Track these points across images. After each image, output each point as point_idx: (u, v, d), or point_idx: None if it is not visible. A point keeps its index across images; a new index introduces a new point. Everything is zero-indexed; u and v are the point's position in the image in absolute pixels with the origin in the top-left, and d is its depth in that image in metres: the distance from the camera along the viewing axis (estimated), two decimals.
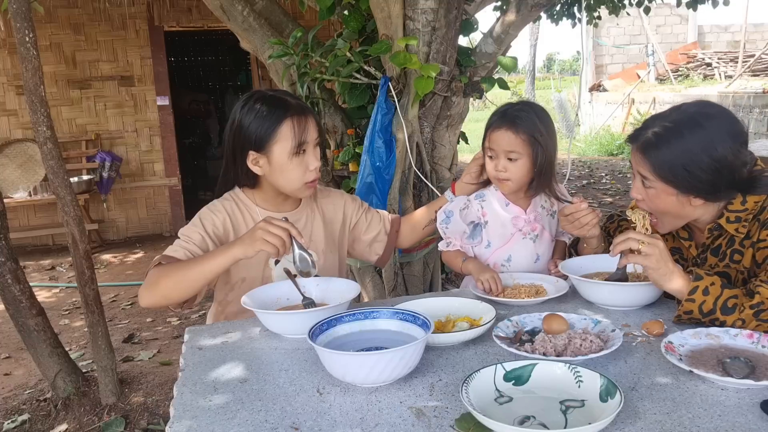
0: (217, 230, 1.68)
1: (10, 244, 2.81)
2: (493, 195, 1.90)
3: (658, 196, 1.48)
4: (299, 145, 1.64)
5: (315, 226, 1.83)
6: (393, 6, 2.76)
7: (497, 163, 1.80)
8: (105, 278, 5.31)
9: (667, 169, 1.43)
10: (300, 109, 1.66)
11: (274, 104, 1.64)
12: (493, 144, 1.80)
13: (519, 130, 1.75)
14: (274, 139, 1.63)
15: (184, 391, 1.20)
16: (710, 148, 1.40)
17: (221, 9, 3.39)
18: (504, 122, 1.78)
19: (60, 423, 2.82)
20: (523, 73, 21.69)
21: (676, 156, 1.42)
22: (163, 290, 1.53)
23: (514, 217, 1.88)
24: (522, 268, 1.87)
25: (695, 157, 1.40)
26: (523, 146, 1.75)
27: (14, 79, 6.19)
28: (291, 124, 1.63)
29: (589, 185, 8.55)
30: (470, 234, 1.89)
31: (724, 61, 13.54)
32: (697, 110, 1.45)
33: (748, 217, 1.46)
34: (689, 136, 1.41)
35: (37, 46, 2.57)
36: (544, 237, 1.91)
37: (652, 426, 1.01)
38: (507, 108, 1.82)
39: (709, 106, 1.48)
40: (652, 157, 1.45)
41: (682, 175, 1.42)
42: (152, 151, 6.76)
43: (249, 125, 1.63)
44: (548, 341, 1.26)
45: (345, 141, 3.37)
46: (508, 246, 1.89)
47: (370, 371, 1.13)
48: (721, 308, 1.33)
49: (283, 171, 1.66)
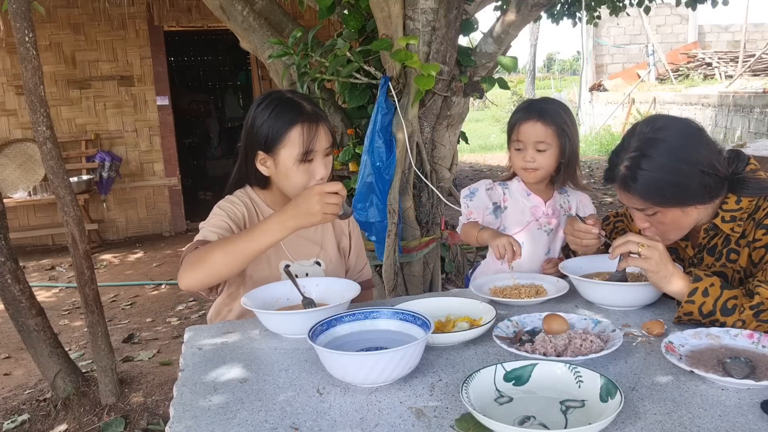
0: (238, 219, 1.66)
1: (10, 244, 2.80)
2: (516, 185, 1.96)
3: (665, 217, 1.47)
4: (306, 153, 1.59)
5: (326, 235, 1.81)
6: (393, 6, 2.76)
7: (525, 154, 1.86)
8: (105, 278, 5.31)
9: (656, 192, 1.43)
10: (313, 116, 1.61)
11: (287, 107, 1.61)
12: (522, 136, 1.85)
13: (548, 122, 1.82)
14: (282, 143, 1.60)
15: (184, 391, 1.20)
16: (683, 154, 1.41)
17: (221, 9, 3.39)
18: (532, 114, 1.84)
19: (60, 423, 2.82)
20: (523, 73, 21.70)
21: (657, 177, 1.41)
22: (211, 266, 1.45)
23: (533, 207, 1.93)
24: (533, 258, 1.91)
25: (674, 169, 1.40)
26: (552, 137, 1.83)
27: (14, 79, 6.19)
28: (300, 130, 1.58)
29: (589, 185, 8.55)
30: (492, 211, 1.94)
31: (725, 61, 13.54)
32: (650, 128, 1.46)
33: (743, 216, 1.47)
34: (657, 154, 1.41)
35: (37, 46, 2.57)
36: (558, 234, 1.96)
37: (652, 426, 1.01)
38: (531, 102, 1.91)
39: (658, 119, 1.49)
40: (637, 189, 1.44)
41: (673, 192, 1.42)
42: (152, 151, 6.76)
43: (261, 125, 1.61)
44: (548, 341, 1.26)
45: (345, 141, 3.37)
46: (523, 233, 1.92)
47: (370, 371, 1.13)
48: (721, 309, 1.33)
49: (288, 176, 1.63)
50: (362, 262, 1.92)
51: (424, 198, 3.18)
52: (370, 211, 2.95)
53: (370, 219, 2.97)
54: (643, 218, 1.51)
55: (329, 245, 1.81)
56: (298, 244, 1.72)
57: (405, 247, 3.12)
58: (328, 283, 1.63)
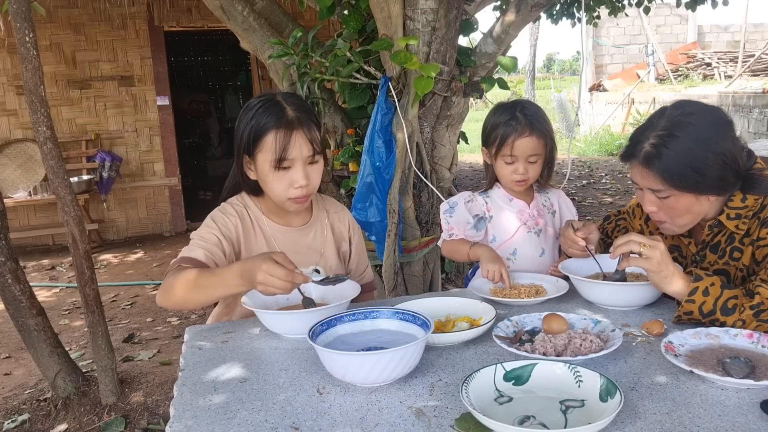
0: (230, 233, 1.64)
1: (10, 244, 2.80)
2: (497, 192, 1.95)
3: (678, 202, 1.46)
4: (279, 160, 1.54)
5: (327, 242, 1.78)
6: (393, 6, 2.77)
7: (518, 167, 1.83)
8: (105, 278, 5.31)
9: (677, 175, 1.41)
10: (292, 122, 1.55)
11: (268, 112, 1.57)
12: (517, 151, 1.82)
13: (540, 133, 1.81)
14: (259, 148, 1.57)
15: (184, 390, 1.20)
16: (710, 143, 1.40)
17: (221, 9, 3.39)
18: (524, 128, 1.80)
19: (60, 423, 2.82)
20: (523, 73, 21.69)
21: (681, 160, 1.40)
22: (178, 297, 1.47)
23: (518, 211, 1.92)
24: (528, 261, 1.91)
25: (700, 155, 1.39)
26: (542, 148, 1.83)
27: (14, 79, 6.19)
28: (275, 136, 1.54)
29: (589, 185, 8.55)
30: (474, 225, 1.92)
31: (724, 61, 13.54)
32: (681, 111, 1.45)
33: (748, 214, 1.46)
34: (686, 137, 1.40)
35: (37, 46, 2.57)
36: (548, 232, 1.95)
37: (652, 426, 1.01)
38: (514, 112, 1.83)
39: (688, 104, 1.47)
40: (659, 168, 1.42)
41: (693, 177, 1.41)
42: (152, 151, 6.76)
43: (243, 128, 1.60)
44: (548, 341, 1.26)
45: (345, 141, 3.37)
46: (513, 240, 1.92)
47: (370, 371, 1.13)
48: (721, 309, 1.33)
49: (266, 182, 1.61)
50: (363, 266, 1.90)
51: (424, 198, 3.18)
52: (370, 211, 2.96)
53: (370, 219, 2.97)
54: (654, 201, 1.49)
55: (329, 252, 1.78)
56: (296, 252, 1.67)
57: (405, 247, 3.12)
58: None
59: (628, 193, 7.91)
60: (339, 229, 1.82)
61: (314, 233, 1.76)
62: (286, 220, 1.72)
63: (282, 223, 1.71)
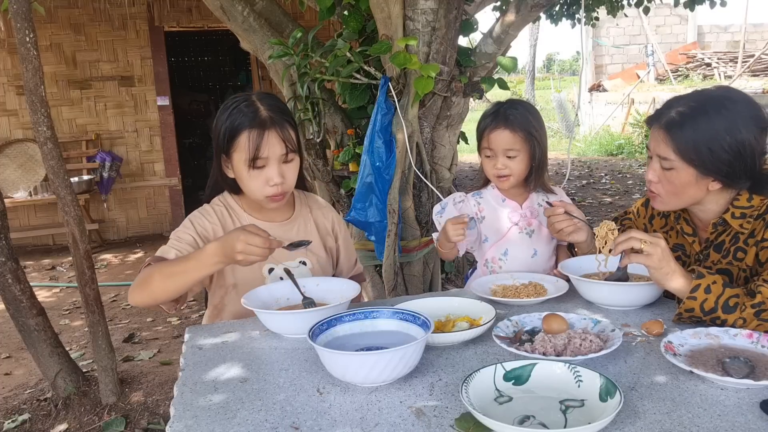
0: (207, 233, 1.67)
1: (11, 244, 2.81)
2: (490, 192, 1.95)
3: (678, 177, 1.46)
4: (253, 159, 1.57)
5: (312, 236, 1.79)
6: (393, 6, 2.77)
7: (496, 161, 1.85)
8: (105, 278, 5.31)
9: (692, 148, 1.42)
10: (265, 122, 1.58)
11: (242, 111, 1.59)
12: (492, 144, 1.85)
13: (515, 128, 1.81)
14: (233, 147, 1.60)
15: (184, 390, 1.20)
16: (734, 130, 1.40)
17: (221, 9, 3.39)
18: (499, 122, 1.83)
19: (60, 423, 2.82)
20: (523, 74, 21.70)
21: (700, 135, 1.41)
22: (150, 290, 1.50)
23: (510, 212, 1.92)
24: (519, 262, 1.90)
25: (719, 137, 1.40)
26: (521, 143, 1.82)
27: (14, 79, 6.19)
28: (248, 135, 1.57)
29: (588, 185, 8.55)
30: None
31: (724, 61, 13.54)
32: (722, 93, 1.45)
33: (753, 214, 1.46)
34: (715, 116, 1.41)
35: (38, 47, 2.58)
36: (542, 233, 1.93)
37: (651, 426, 1.01)
38: (498, 108, 1.87)
39: (733, 91, 1.48)
40: (677, 135, 1.43)
41: (705, 155, 1.41)
42: (152, 151, 6.77)
43: (219, 128, 1.62)
44: (548, 341, 1.26)
45: (345, 141, 3.37)
46: (504, 240, 1.92)
47: (370, 371, 1.13)
48: (723, 307, 1.34)
49: (242, 180, 1.64)
50: (353, 259, 1.93)
51: (424, 198, 3.18)
52: (369, 211, 2.96)
53: (369, 219, 2.97)
54: (657, 170, 1.50)
55: (316, 245, 1.79)
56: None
57: (405, 247, 3.12)
58: (328, 283, 1.63)
59: (628, 193, 7.91)
60: (323, 224, 1.84)
61: (297, 228, 1.78)
62: (268, 216, 1.75)
63: (264, 219, 1.74)
